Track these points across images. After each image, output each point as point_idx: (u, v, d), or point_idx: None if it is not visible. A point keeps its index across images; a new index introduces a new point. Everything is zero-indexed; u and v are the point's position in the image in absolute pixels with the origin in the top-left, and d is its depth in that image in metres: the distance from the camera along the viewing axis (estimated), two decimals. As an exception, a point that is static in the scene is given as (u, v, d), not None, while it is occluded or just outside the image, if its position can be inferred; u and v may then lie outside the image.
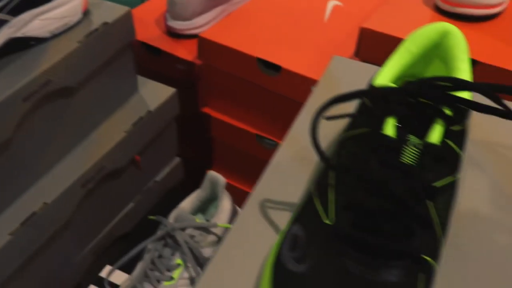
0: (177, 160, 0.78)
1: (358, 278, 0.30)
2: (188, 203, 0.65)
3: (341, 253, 0.31)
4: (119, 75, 0.64)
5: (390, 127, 0.33)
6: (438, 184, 0.33)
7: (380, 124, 0.34)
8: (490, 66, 0.58)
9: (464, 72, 0.39)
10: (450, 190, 0.34)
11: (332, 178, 0.34)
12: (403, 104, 0.34)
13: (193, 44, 0.83)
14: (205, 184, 0.66)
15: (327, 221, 0.32)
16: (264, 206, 0.41)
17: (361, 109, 0.35)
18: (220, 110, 0.83)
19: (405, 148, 0.33)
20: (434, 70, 0.43)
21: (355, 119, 0.36)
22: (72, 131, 0.60)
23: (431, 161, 0.33)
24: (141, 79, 0.71)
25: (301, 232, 0.33)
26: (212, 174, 0.65)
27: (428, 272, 0.31)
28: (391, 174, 0.32)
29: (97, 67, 0.60)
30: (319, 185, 0.35)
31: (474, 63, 0.59)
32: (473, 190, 0.43)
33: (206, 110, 0.83)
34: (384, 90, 0.34)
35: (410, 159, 0.33)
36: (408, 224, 0.31)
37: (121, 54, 0.63)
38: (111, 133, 0.63)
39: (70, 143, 0.60)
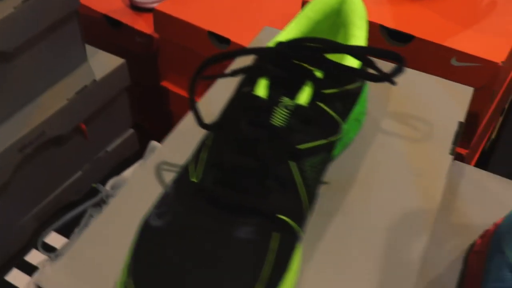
0: (130, 131, 0.79)
1: (211, 233, 0.30)
2: (130, 172, 0.66)
3: (198, 209, 0.31)
4: (64, 43, 0.65)
5: (262, 88, 0.33)
6: (304, 146, 0.33)
7: (253, 84, 0.34)
8: (425, 41, 0.58)
9: (359, 39, 0.39)
10: (320, 153, 0.34)
11: (210, 138, 0.35)
12: (277, 64, 0.34)
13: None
14: (147, 154, 0.66)
15: (193, 179, 0.33)
16: (160, 169, 0.41)
17: (242, 70, 0.35)
18: (177, 84, 0.84)
19: (276, 109, 0.33)
20: (339, 38, 0.43)
21: (243, 80, 0.36)
22: (11, 96, 0.61)
23: (299, 123, 0.33)
24: (91, 49, 0.71)
25: (171, 190, 0.34)
26: (153, 144, 0.66)
27: (285, 232, 0.31)
28: (258, 134, 0.32)
29: (37, 34, 0.60)
30: (198, 145, 0.35)
31: (411, 38, 0.58)
32: (372, 159, 0.43)
33: (165, 83, 0.84)
34: (255, 50, 0.34)
35: (279, 121, 0.33)
36: (268, 184, 0.32)
37: (65, 22, 0.63)
38: (53, 100, 0.64)
39: (9, 109, 0.61)
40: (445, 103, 0.49)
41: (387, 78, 0.31)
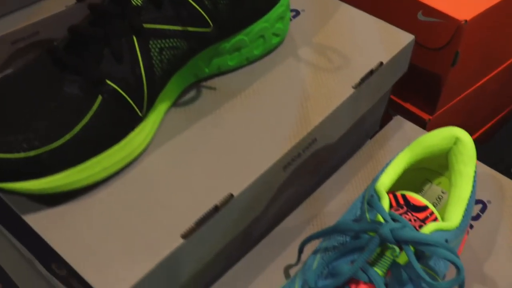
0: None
1: (43, 86, 0.33)
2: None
3: (43, 65, 0.35)
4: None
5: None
6: (151, 26, 0.35)
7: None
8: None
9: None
10: (172, 38, 0.35)
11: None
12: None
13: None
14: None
15: (56, 43, 0.36)
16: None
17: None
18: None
19: (135, -8, 0.35)
20: None
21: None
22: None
23: (152, 4, 0.35)
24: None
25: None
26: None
27: (112, 99, 0.34)
28: (113, 9, 0.35)
29: None
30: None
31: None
32: (269, 78, 0.44)
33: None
34: None
35: (137, 1, 0.35)
36: (106, 52, 0.34)
37: None
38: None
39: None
40: (374, 43, 0.48)
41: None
